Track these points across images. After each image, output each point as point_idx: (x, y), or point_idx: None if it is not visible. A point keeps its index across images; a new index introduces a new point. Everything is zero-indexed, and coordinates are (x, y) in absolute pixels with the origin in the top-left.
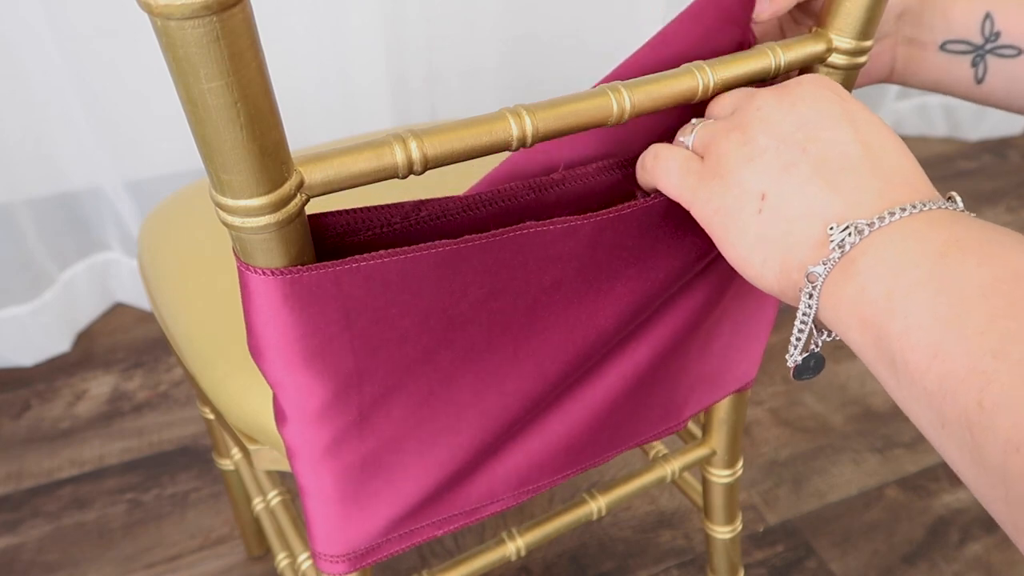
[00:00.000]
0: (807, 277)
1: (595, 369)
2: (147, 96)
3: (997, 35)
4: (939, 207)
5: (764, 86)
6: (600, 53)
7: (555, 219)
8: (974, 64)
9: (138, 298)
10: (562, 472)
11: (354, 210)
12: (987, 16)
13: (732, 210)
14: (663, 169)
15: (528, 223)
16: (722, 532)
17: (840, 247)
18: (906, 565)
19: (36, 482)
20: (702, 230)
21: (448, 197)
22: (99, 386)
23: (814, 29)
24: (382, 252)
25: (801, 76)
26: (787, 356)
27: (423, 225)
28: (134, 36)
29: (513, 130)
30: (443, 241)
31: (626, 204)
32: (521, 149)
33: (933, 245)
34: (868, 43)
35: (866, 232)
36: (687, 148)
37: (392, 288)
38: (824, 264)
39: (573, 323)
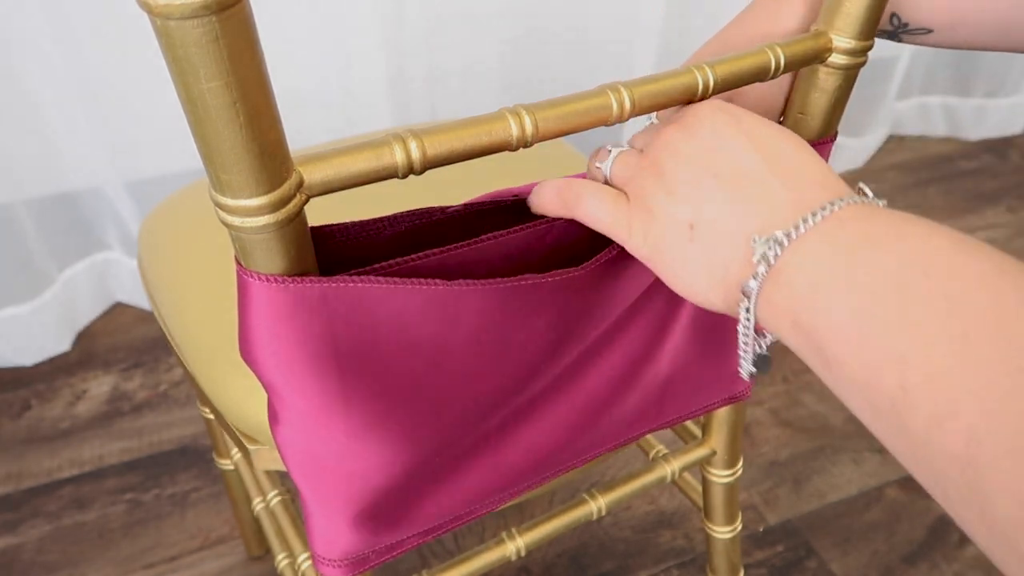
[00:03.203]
0: (743, 292)
1: (574, 376)
2: (147, 96)
3: (905, 24)
4: (848, 203)
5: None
6: (601, 53)
7: (551, 273)
8: (892, 38)
9: (138, 298)
10: (548, 472)
11: (350, 223)
12: (893, 15)
13: (668, 244)
14: (592, 208)
15: (526, 276)
16: (722, 532)
17: (765, 260)
18: (906, 565)
19: (36, 482)
20: None
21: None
22: (99, 386)
23: (814, 29)
24: (370, 277)
25: (699, 105)
26: (739, 367)
27: (417, 228)
28: (134, 36)
29: (513, 130)
30: (436, 280)
31: (606, 252)
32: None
33: (844, 244)
34: (868, 43)
35: (785, 243)
36: (605, 176)
37: (379, 315)
38: (755, 278)
39: (558, 348)
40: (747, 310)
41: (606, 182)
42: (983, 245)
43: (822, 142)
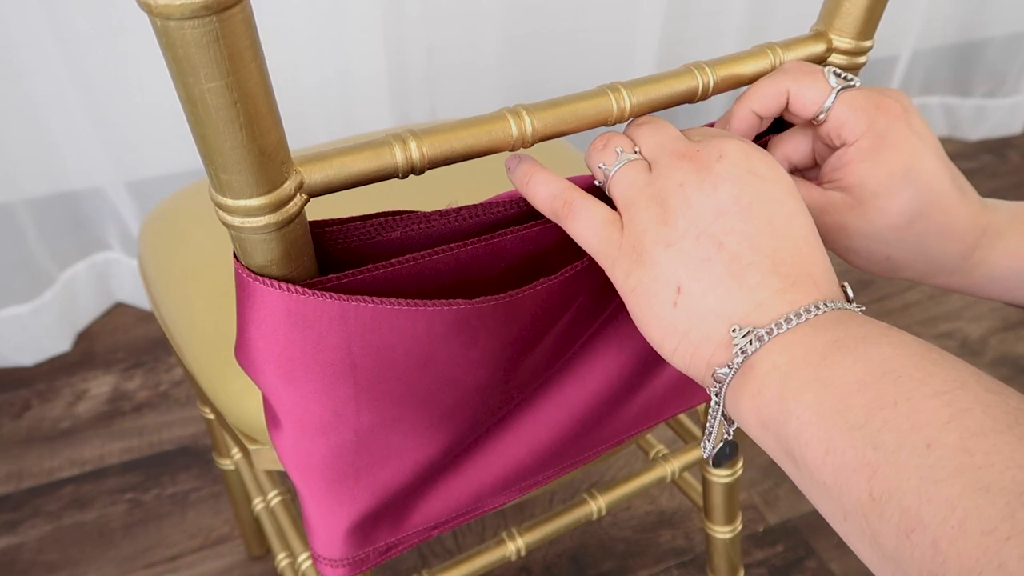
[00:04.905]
0: (714, 376)
1: (576, 375)
2: (147, 96)
3: None
4: (832, 308)
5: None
6: (601, 52)
7: (564, 271)
8: None
9: (138, 298)
10: (550, 471)
11: (352, 218)
12: None
13: (649, 294)
14: (582, 227)
15: (541, 280)
16: (722, 532)
17: (743, 352)
18: None
19: (36, 482)
20: None
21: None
22: (99, 386)
23: (814, 29)
24: (393, 300)
25: (725, 146)
26: (701, 447)
27: (428, 229)
28: (134, 36)
29: (513, 130)
30: (458, 300)
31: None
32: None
33: (817, 349)
34: (868, 43)
35: (765, 339)
36: (604, 182)
37: (399, 333)
38: (729, 367)
39: (570, 342)
40: (716, 393)
41: (603, 183)
42: (949, 356)
43: None
